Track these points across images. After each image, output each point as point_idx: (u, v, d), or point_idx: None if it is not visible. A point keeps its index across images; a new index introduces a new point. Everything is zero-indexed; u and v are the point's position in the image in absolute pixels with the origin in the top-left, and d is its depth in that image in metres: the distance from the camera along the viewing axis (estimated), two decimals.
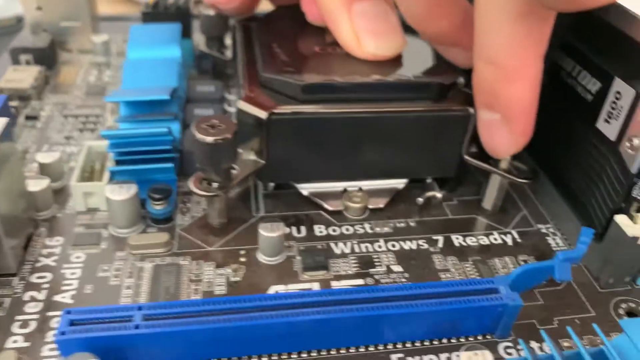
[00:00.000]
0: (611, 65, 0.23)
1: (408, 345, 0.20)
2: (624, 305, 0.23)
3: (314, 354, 0.20)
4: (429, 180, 0.27)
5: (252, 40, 0.27)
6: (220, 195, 0.23)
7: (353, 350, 0.20)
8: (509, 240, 0.25)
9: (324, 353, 0.20)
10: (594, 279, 0.24)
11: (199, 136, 0.21)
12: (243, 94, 0.24)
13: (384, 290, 0.20)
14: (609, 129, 0.22)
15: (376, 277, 0.23)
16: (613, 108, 0.22)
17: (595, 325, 0.20)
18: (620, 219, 0.22)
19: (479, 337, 0.21)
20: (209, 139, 0.21)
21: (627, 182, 0.21)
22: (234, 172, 0.23)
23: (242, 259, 0.23)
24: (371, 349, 0.20)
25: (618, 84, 0.22)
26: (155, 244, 0.23)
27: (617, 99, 0.22)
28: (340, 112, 0.23)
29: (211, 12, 0.33)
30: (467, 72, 0.24)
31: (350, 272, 0.23)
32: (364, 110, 0.23)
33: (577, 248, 0.20)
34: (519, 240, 0.25)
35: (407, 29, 0.26)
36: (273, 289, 0.22)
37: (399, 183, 0.27)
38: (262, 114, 0.23)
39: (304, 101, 0.23)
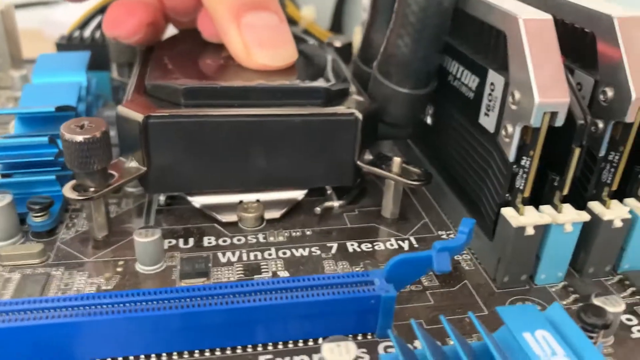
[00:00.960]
0: (484, 59, 0.23)
1: (280, 346, 0.19)
2: (519, 304, 0.22)
3: (175, 357, 0.18)
4: (329, 191, 0.27)
5: (148, 58, 0.27)
6: (94, 198, 0.22)
7: (219, 353, 0.19)
8: (405, 245, 0.24)
9: (186, 356, 0.18)
10: (491, 280, 0.23)
11: (68, 136, 0.21)
12: (124, 101, 0.23)
13: (249, 285, 0.19)
14: (489, 122, 0.22)
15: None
16: (490, 100, 0.22)
17: (471, 314, 0.19)
18: (506, 211, 0.21)
19: (359, 337, 0.20)
20: (78, 138, 0.21)
21: (508, 172, 0.21)
22: (113, 179, 0.23)
23: (119, 269, 0.22)
24: (239, 351, 0.19)
25: (491, 76, 0.22)
26: (27, 255, 0.22)
27: (492, 90, 0.22)
28: (222, 116, 0.23)
29: None
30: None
31: (232, 278, 0.22)
32: (246, 114, 0.23)
33: (456, 238, 0.20)
34: (416, 245, 0.24)
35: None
36: None
37: (298, 194, 0.26)
38: (139, 117, 0.22)
39: (187, 106, 0.23)
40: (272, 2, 0.26)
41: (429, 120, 0.28)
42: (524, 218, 0.21)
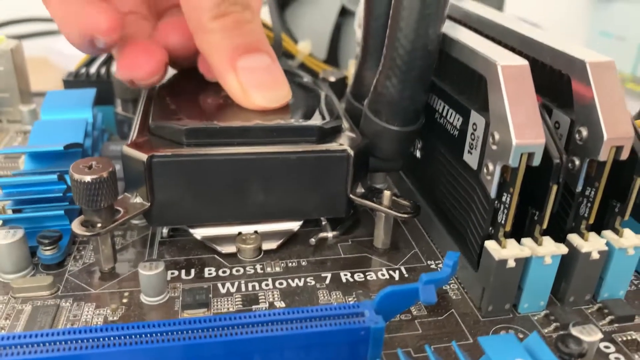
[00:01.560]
0: (467, 100, 0.24)
1: None
2: (503, 332, 0.23)
3: None
4: (324, 222, 0.28)
5: (151, 97, 0.29)
6: (101, 234, 0.23)
7: None
8: (396, 275, 0.26)
9: None
10: (477, 309, 0.24)
11: (77, 176, 0.22)
12: (129, 141, 0.25)
13: (247, 317, 0.20)
14: (472, 159, 0.24)
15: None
16: (472, 139, 0.23)
17: (454, 343, 0.20)
18: (489, 244, 0.23)
19: None
20: (87, 178, 0.22)
21: (490, 207, 0.22)
22: (119, 214, 0.24)
23: (125, 300, 0.23)
24: None
25: (474, 116, 0.23)
26: (38, 287, 0.23)
27: (474, 130, 0.23)
28: (222, 154, 0.24)
29: None
30: None
31: (231, 309, 0.23)
32: (245, 152, 0.25)
33: (441, 270, 0.21)
34: (406, 275, 0.26)
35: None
36: None
37: (294, 225, 0.27)
38: (143, 157, 0.24)
39: (189, 145, 0.25)
40: (263, 43, 0.27)
41: (418, 154, 0.30)
42: (505, 251, 0.22)
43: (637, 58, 1.06)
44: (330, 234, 0.27)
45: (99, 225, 0.23)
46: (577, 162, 0.22)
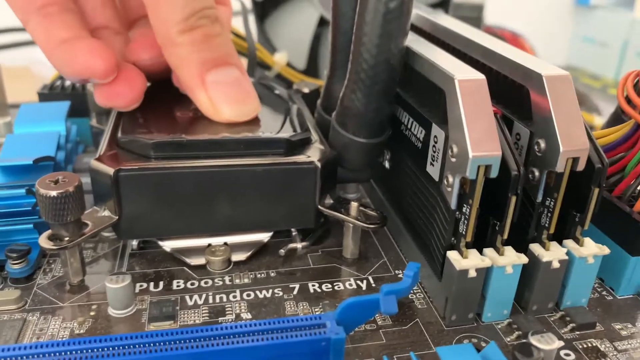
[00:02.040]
0: (429, 112, 0.25)
1: None
2: (466, 341, 0.23)
3: None
4: (294, 233, 0.28)
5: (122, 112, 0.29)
6: (68, 247, 0.23)
7: None
8: (363, 285, 0.26)
9: None
10: (441, 318, 0.24)
11: (42, 191, 0.22)
12: (97, 154, 0.25)
13: (211, 330, 0.20)
14: (434, 171, 0.24)
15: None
16: (434, 151, 0.24)
17: (412, 354, 0.20)
18: (451, 254, 0.23)
19: None
20: (53, 193, 0.22)
21: (451, 218, 0.23)
22: (87, 228, 0.24)
23: (92, 313, 0.24)
24: None
25: (435, 129, 0.24)
26: (4, 301, 0.23)
27: (435, 142, 0.24)
28: (188, 167, 0.25)
29: None
30: None
31: (197, 321, 0.23)
32: (212, 164, 0.25)
33: (402, 281, 0.21)
34: (373, 285, 0.26)
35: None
36: None
37: (264, 236, 0.28)
38: (110, 171, 0.24)
39: (157, 159, 0.25)
40: (232, 56, 0.27)
41: (387, 164, 0.30)
42: (466, 261, 0.23)
43: (619, 64, 1.07)
44: (299, 245, 0.28)
45: (67, 239, 0.23)
46: (537, 173, 0.23)
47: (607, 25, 1.12)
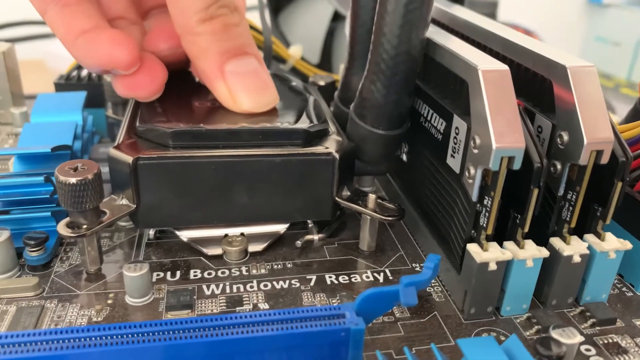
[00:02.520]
0: (450, 104, 0.24)
1: None
2: (485, 335, 0.23)
3: None
4: (310, 224, 0.28)
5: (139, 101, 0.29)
6: (86, 235, 0.23)
7: None
8: (380, 278, 0.26)
9: None
10: (459, 311, 0.24)
11: (61, 178, 0.22)
12: (116, 143, 0.25)
13: (229, 318, 0.20)
14: (455, 163, 0.24)
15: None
16: (455, 143, 0.24)
17: (433, 346, 0.20)
18: (471, 247, 0.23)
19: None
20: (72, 180, 0.22)
21: (472, 210, 0.23)
22: (105, 216, 0.24)
23: (109, 301, 0.24)
24: None
25: (456, 120, 0.24)
26: (23, 288, 0.23)
27: (457, 134, 0.24)
28: (207, 157, 0.24)
29: None
30: None
31: (215, 310, 0.23)
32: (230, 154, 0.25)
33: (422, 273, 0.21)
34: (390, 277, 0.26)
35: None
36: None
37: (280, 227, 0.28)
38: (129, 159, 0.24)
39: (175, 148, 0.25)
40: (250, 46, 0.27)
41: (404, 157, 0.30)
42: (487, 254, 0.22)
43: (632, 63, 1.06)
44: (316, 237, 0.28)
45: (85, 226, 0.23)
46: (559, 166, 0.23)
47: (620, 25, 1.11)
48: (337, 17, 0.51)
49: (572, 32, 1.17)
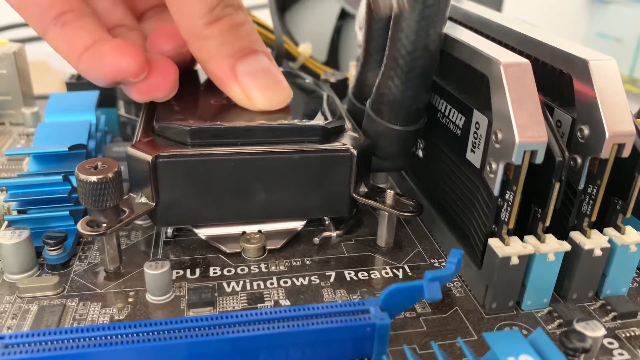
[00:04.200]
0: (469, 99, 0.24)
1: None
2: (507, 329, 0.23)
3: None
4: (327, 221, 0.28)
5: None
6: (106, 233, 0.23)
7: None
8: (400, 273, 0.26)
9: None
10: (480, 306, 0.24)
11: (82, 176, 0.22)
12: (134, 141, 0.25)
13: (253, 314, 0.20)
14: (475, 158, 0.24)
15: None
16: (475, 138, 0.24)
17: (459, 339, 0.20)
18: (492, 242, 0.23)
19: None
20: (93, 179, 0.22)
21: (493, 205, 0.23)
22: (124, 214, 0.24)
23: (130, 299, 0.24)
24: None
25: (476, 115, 0.24)
26: (44, 287, 0.23)
27: (477, 129, 0.24)
28: (225, 154, 0.24)
29: None
30: None
31: (237, 307, 0.23)
32: (248, 152, 0.25)
33: (445, 268, 0.21)
34: (410, 273, 0.26)
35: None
36: None
37: (297, 224, 0.28)
38: (148, 157, 0.24)
39: (194, 146, 0.25)
40: (258, 44, 0.27)
41: (420, 153, 0.30)
42: (509, 248, 0.22)
43: (634, 60, 1.06)
44: (333, 233, 0.28)
45: (104, 225, 0.23)
46: (579, 160, 0.23)
47: (622, 21, 1.11)
48: (344, 15, 0.51)
49: (574, 28, 1.18)
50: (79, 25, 0.26)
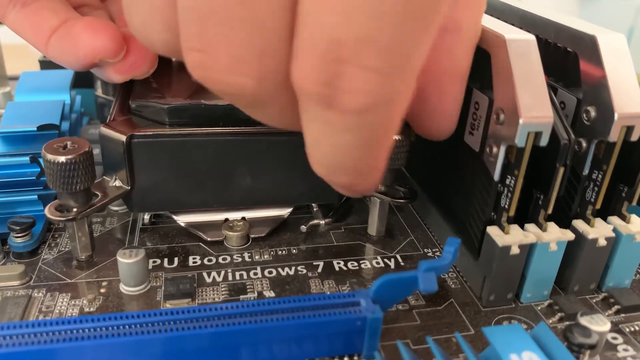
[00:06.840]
0: (469, 78, 0.23)
1: None
2: (506, 323, 0.22)
3: None
4: (315, 209, 0.27)
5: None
6: (77, 219, 0.22)
7: None
8: (391, 263, 0.24)
9: None
10: (477, 298, 0.23)
11: (50, 156, 0.21)
12: (108, 120, 0.23)
13: (234, 307, 0.19)
14: (473, 141, 0.22)
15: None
16: (474, 119, 0.22)
17: (457, 334, 0.19)
18: (491, 230, 0.21)
19: (346, 359, 0.19)
20: (61, 159, 0.21)
21: (493, 191, 0.21)
22: (96, 198, 0.22)
23: (103, 290, 0.22)
24: None
25: (475, 95, 0.22)
26: (8, 276, 0.22)
27: (476, 109, 0.22)
28: (206, 134, 0.23)
29: None
30: None
31: (217, 299, 0.22)
32: (231, 132, 0.23)
33: (441, 257, 0.20)
34: (402, 263, 0.24)
35: None
36: None
37: (283, 211, 0.26)
38: (122, 137, 0.22)
39: (172, 125, 0.23)
40: None
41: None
42: (509, 237, 0.21)
43: None
44: (322, 221, 0.26)
45: (75, 210, 0.22)
46: (584, 144, 0.21)
47: (611, 14, 1.11)
48: None
49: None
50: (42, 5, 0.24)
